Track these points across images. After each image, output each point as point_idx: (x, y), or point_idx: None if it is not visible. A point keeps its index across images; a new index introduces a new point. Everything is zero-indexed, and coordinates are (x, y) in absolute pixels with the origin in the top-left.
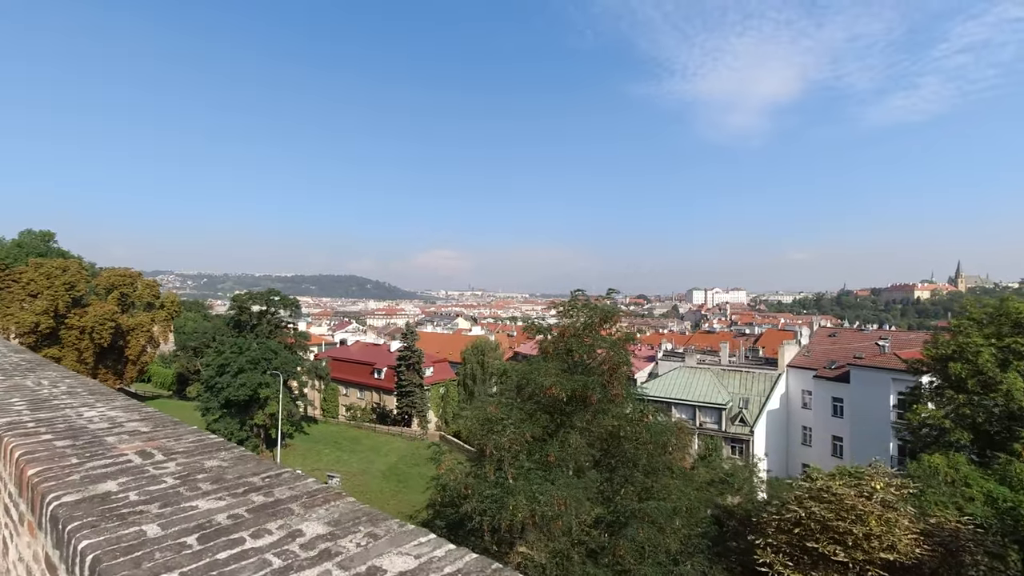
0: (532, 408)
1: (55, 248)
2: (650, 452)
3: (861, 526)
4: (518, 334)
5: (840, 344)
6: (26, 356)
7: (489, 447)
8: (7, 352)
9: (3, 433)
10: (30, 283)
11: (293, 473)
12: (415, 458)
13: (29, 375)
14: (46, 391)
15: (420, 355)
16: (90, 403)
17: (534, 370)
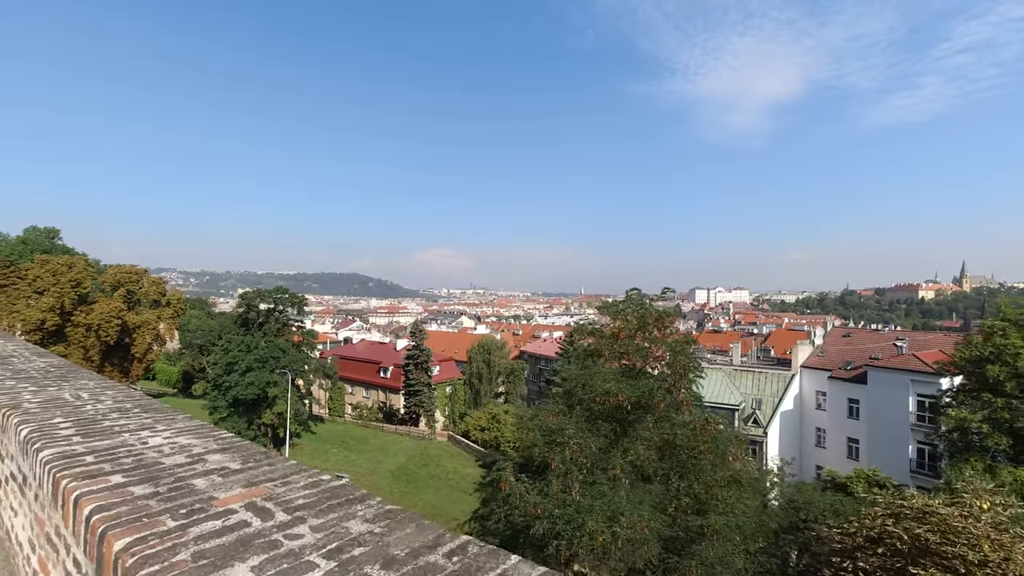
0: (586, 415)
1: (60, 245)
2: (712, 463)
3: (975, 552)
4: (524, 333)
5: (855, 345)
6: (52, 361)
7: (555, 460)
8: (29, 355)
9: (58, 472)
10: (36, 280)
11: (481, 547)
12: (424, 458)
13: (64, 385)
14: (90, 407)
15: (429, 354)
16: (149, 424)
17: (593, 375)
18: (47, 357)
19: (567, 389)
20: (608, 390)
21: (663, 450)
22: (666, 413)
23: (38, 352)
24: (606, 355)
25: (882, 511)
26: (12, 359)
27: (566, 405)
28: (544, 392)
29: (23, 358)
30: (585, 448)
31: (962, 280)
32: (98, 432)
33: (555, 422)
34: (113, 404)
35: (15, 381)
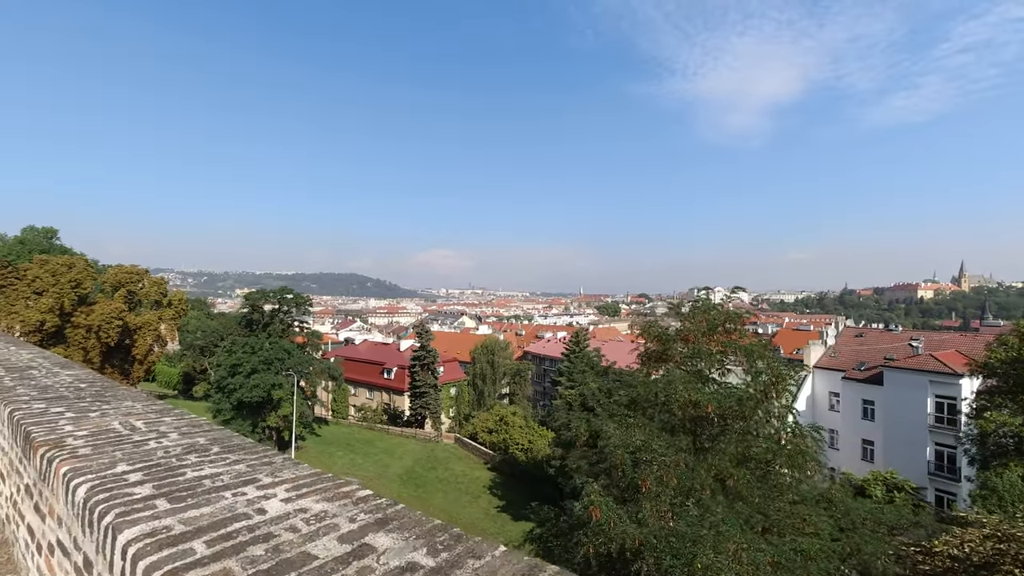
0: (662, 427)
1: (58, 245)
2: (794, 479)
3: None
4: (527, 333)
5: (868, 345)
6: (78, 373)
7: (647, 482)
8: (51, 366)
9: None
10: (35, 280)
11: None
12: (431, 461)
13: (106, 408)
14: (153, 443)
15: (435, 355)
16: (247, 475)
17: (671, 381)
18: (70, 368)
19: (632, 397)
20: (697, 400)
21: (739, 465)
22: (751, 424)
23: (60, 362)
24: (677, 360)
25: (990, 531)
26: (32, 372)
27: (623, 413)
28: (549, 392)
29: (45, 370)
30: (675, 466)
31: (961, 280)
32: (185, 489)
33: (640, 437)
34: (181, 437)
35: (44, 402)
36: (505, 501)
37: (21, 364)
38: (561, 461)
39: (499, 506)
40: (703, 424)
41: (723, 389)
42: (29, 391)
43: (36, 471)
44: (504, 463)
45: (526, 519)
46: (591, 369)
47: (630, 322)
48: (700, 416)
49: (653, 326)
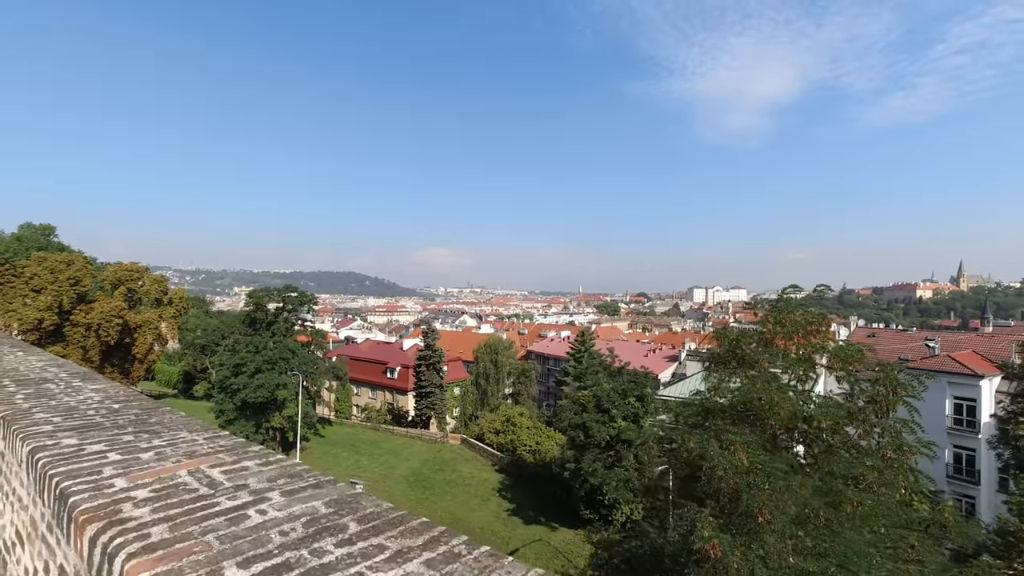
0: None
1: (55, 242)
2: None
3: None
4: (529, 332)
5: (881, 345)
6: (107, 388)
7: (765, 513)
8: (70, 378)
9: None
10: (33, 277)
11: None
12: (437, 462)
13: (161, 447)
14: (255, 514)
15: (440, 355)
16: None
17: (760, 389)
18: (94, 381)
19: (705, 408)
20: (808, 414)
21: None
22: (857, 439)
23: (78, 372)
24: (765, 365)
25: None
26: (49, 386)
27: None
28: (553, 392)
29: (64, 383)
30: (793, 492)
31: (959, 280)
32: None
33: (748, 458)
34: (288, 500)
35: (75, 434)
36: (515, 504)
37: (33, 375)
38: (576, 464)
39: (509, 509)
40: (809, 440)
41: (828, 400)
42: (51, 415)
43: (81, 557)
44: (512, 465)
45: (537, 523)
46: (604, 370)
47: (630, 321)
48: (805, 431)
49: (727, 329)
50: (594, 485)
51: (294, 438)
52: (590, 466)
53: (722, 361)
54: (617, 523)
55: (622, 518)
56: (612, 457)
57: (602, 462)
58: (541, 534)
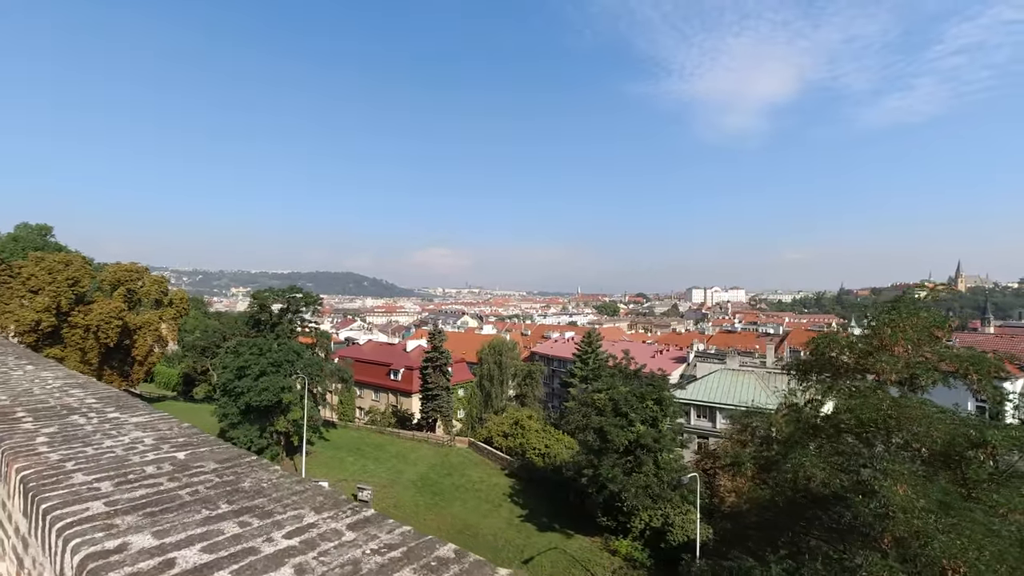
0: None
1: (52, 242)
2: None
3: None
4: (533, 333)
5: None
6: (155, 421)
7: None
8: (105, 407)
9: None
10: (31, 278)
11: None
12: (446, 467)
13: (294, 554)
14: None
15: (448, 356)
16: None
17: (896, 406)
18: (134, 409)
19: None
20: (982, 439)
21: None
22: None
23: (108, 394)
24: (891, 377)
25: None
26: (77, 419)
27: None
28: (558, 394)
29: (97, 414)
30: (993, 539)
31: (958, 280)
32: None
33: (910, 490)
34: None
35: (150, 527)
36: (527, 510)
37: (52, 400)
38: (594, 470)
39: (522, 515)
40: (967, 467)
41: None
42: (95, 477)
43: None
44: (523, 469)
45: (551, 529)
46: (619, 372)
47: (630, 321)
48: (964, 458)
49: (835, 336)
50: (613, 492)
51: (299, 442)
52: (608, 472)
53: (812, 370)
54: (636, 531)
55: (641, 525)
56: (631, 463)
57: (621, 468)
58: (556, 542)
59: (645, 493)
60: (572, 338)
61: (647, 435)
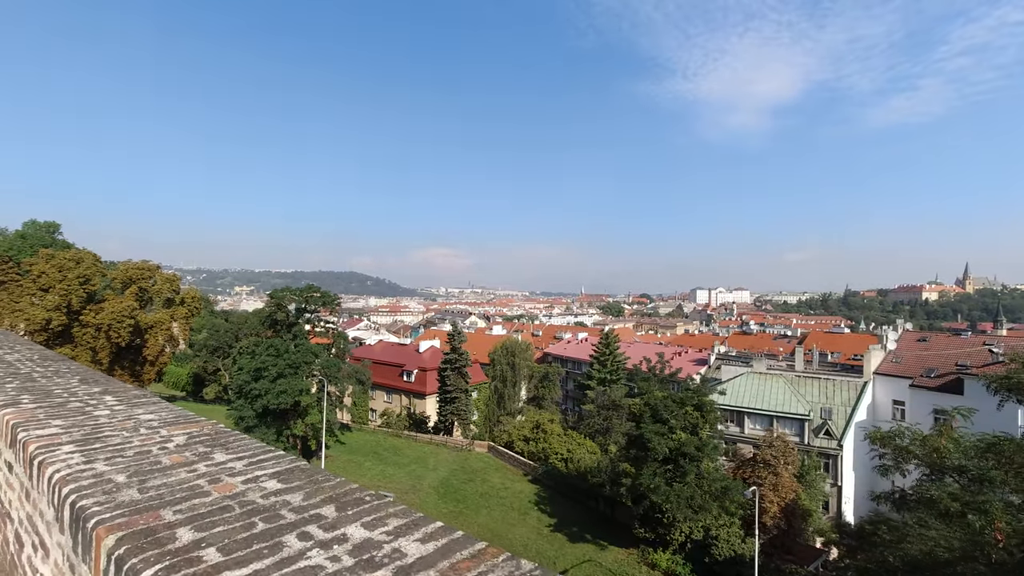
0: None
1: (60, 240)
2: None
3: None
4: (544, 334)
5: (934, 350)
6: (283, 471)
7: None
8: (176, 435)
9: None
10: (41, 276)
11: None
12: (466, 472)
13: None
14: None
15: (467, 358)
16: None
17: None
18: (227, 443)
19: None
20: None
21: None
22: None
23: (210, 437)
24: None
25: None
26: (153, 459)
27: None
28: (572, 396)
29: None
30: None
31: (965, 282)
32: None
33: None
34: None
35: None
36: (556, 519)
37: (209, 491)
38: (634, 479)
39: (550, 524)
40: None
41: None
42: None
43: None
44: (547, 476)
45: (583, 540)
46: (654, 376)
47: (635, 322)
48: None
49: None
50: (653, 503)
51: (316, 446)
52: (650, 481)
53: None
54: (675, 543)
55: (681, 538)
56: (670, 472)
57: (662, 477)
58: (590, 553)
59: (688, 504)
60: (585, 339)
61: (690, 443)
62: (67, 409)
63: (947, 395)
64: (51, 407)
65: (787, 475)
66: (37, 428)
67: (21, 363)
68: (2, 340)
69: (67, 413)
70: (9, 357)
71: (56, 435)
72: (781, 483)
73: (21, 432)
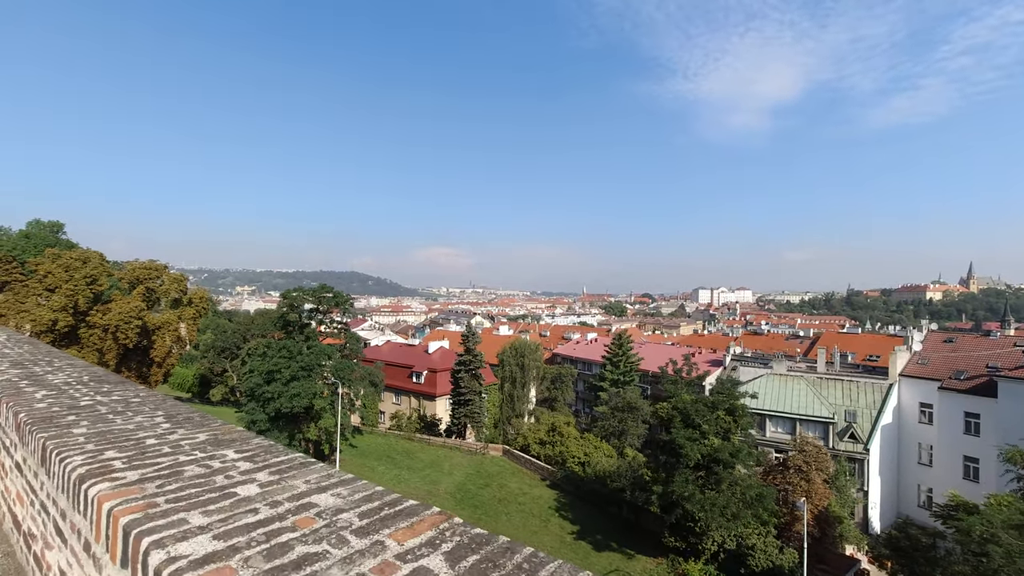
0: None
1: (64, 240)
2: None
3: None
4: (551, 334)
5: (962, 352)
6: None
7: None
8: None
9: None
10: (47, 276)
11: None
12: (482, 476)
13: None
14: None
15: (481, 360)
16: None
17: None
18: None
19: None
20: None
21: None
22: None
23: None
24: None
25: None
26: None
27: None
28: (582, 397)
29: None
30: None
31: (969, 281)
32: None
33: None
34: None
35: None
36: (579, 526)
37: None
38: (665, 487)
39: (573, 532)
40: None
41: None
42: None
43: None
44: (567, 480)
45: (608, 548)
46: (681, 379)
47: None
48: None
49: None
50: (685, 511)
51: (329, 451)
52: (683, 489)
53: None
54: (708, 553)
55: (713, 547)
56: (703, 478)
57: (695, 484)
58: (617, 563)
59: (722, 513)
60: (595, 339)
61: (724, 449)
62: (192, 484)
63: (979, 398)
64: (164, 478)
65: (820, 481)
66: (172, 536)
67: (73, 388)
68: (34, 353)
69: (198, 494)
70: (55, 379)
71: (218, 554)
72: (814, 489)
73: (149, 544)
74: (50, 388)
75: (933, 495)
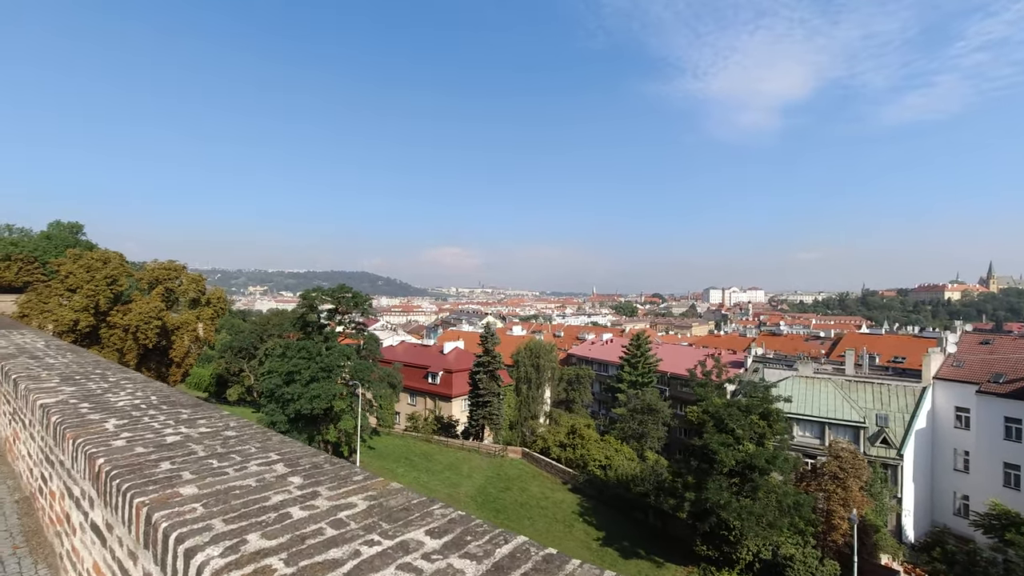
0: None
1: (84, 241)
2: None
3: None
4: (565, 334)
5: (1000, 354)
6: None
7: None
8: None
9: None
10: (69, 276)
11: None
12: (502, 479)
13: None
14: None
15: (499, 361)
16: None
17: None
18: None
19: None
20: None
21: None
22: None
23: None
24: None
25: None
26: None
27: None
28: (598, 398)
29: None
30: None
31: (989, 281)
32: None
33: None
34: None
35: None
36: (604, 532)
37: None
38: (698, 493)
39: (599, 538)
40: None
41: None
42: None
43: None
44: (589, 485)
45: (636, 556)
46: (711, 382)
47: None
48: None
49: None
50: (720, 519)
51: (348, 452)
52: (718, 496)
53: None
54: (743, 563)
55: (748, 557)
56: (737, 485)
57: (730, 491)
58: (646, 571)
59: (759, 522)
60: (610, 340)
61: (760, 455)
62: None
63: (1020, 403)
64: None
65: (856, 489)
66: None
67: (145, 413)
68: (82, 363)
69: None
70: (119, 401)
71: None
72: (851, 497)
73: None
74: (118, 414)
75: (970, 502)
